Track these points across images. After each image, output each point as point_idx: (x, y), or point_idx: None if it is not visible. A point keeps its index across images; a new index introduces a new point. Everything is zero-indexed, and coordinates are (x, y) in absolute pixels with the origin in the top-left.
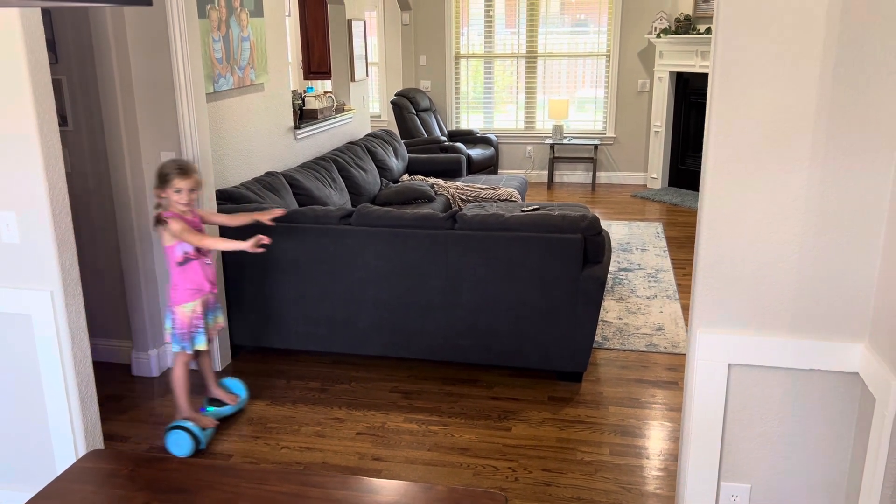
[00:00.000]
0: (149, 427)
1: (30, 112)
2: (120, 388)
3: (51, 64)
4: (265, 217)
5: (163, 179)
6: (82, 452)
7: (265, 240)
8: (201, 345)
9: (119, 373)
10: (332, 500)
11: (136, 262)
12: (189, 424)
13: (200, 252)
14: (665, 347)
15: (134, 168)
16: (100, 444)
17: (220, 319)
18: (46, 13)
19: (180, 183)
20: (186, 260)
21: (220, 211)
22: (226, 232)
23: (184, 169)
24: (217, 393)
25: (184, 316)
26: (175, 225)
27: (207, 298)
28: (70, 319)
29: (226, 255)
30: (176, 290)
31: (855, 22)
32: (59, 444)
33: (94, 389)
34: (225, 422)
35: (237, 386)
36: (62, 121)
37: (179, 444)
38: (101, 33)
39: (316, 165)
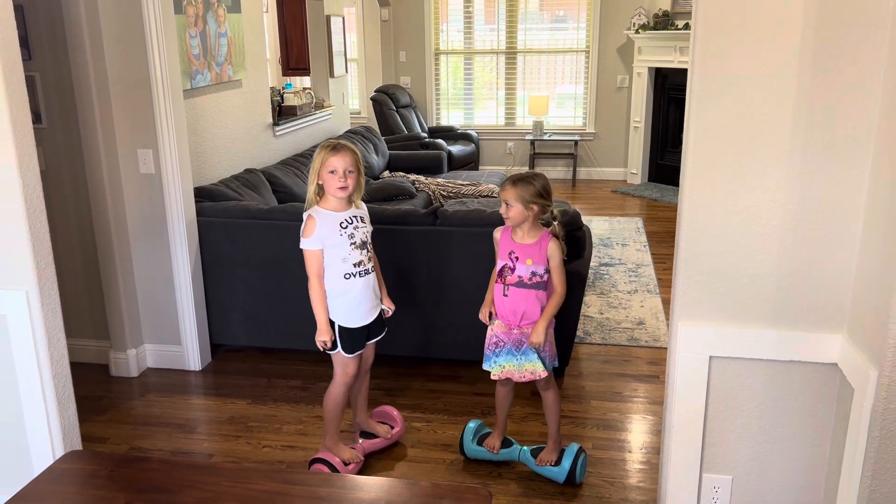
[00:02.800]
0: (128, 428)
1: (3, 110)
2: (98, 389)
3: (24, 60)
4: None
5: (549, 193)
6: (60, 454)
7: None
8: (489, 367)
9: (97, 373)
10: (315, 497)
11: (113, 261)
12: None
13: (500, 277)
14: (646, 341)
15: (110, 166)
16: (78, 446)
17: (531, 367)
18: (19, 9)
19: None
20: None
21: (198, 208)
22: None
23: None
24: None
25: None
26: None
27: (509, 332)
28: (46, 319)
29: (203, 250)
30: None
31: (832, 18)
32: (36, 446)
33: (72, 390)
34: (206, 423)
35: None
36: (36, 118)
37: (584, 467)
38: (75, 29)
39: (295, 162)
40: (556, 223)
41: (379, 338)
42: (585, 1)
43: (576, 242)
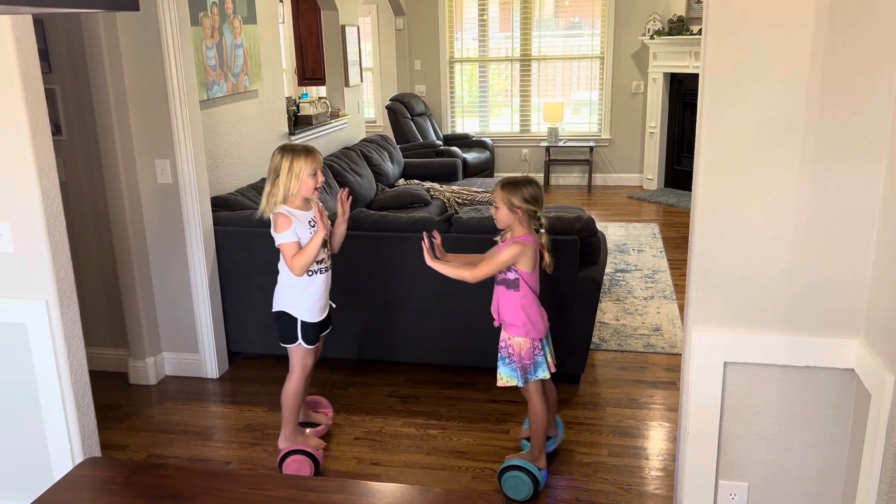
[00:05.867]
0: (147, 435)
1: (22, 122)
2: (117, 397)
3: (44, 73)
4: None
5: (537, 200)
6: (79, 461)
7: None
8: (545, 373)
9: (117, 381)
10: (329, 503)
11: (131, 270)
12: (531, 466)
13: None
14: (663, 348)
15: (128, 176)
16: (97, 453)
17: (498, 372)
18: (39, 23)
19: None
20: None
21: (215, 217)
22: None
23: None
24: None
25: (520, 344)
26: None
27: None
28: (66, 328)
29: (220, 259)
30: (526, 321)
31: (845, 20)
32: (56, 454)
33: (91, 398)
34: (224, 430)
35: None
36: (56, 130)
37: (518, 489)
38: (94, 42)
39: None
40: (542, 231)
41: (328, 331)
42: (600, 7)
43: (590, 248)
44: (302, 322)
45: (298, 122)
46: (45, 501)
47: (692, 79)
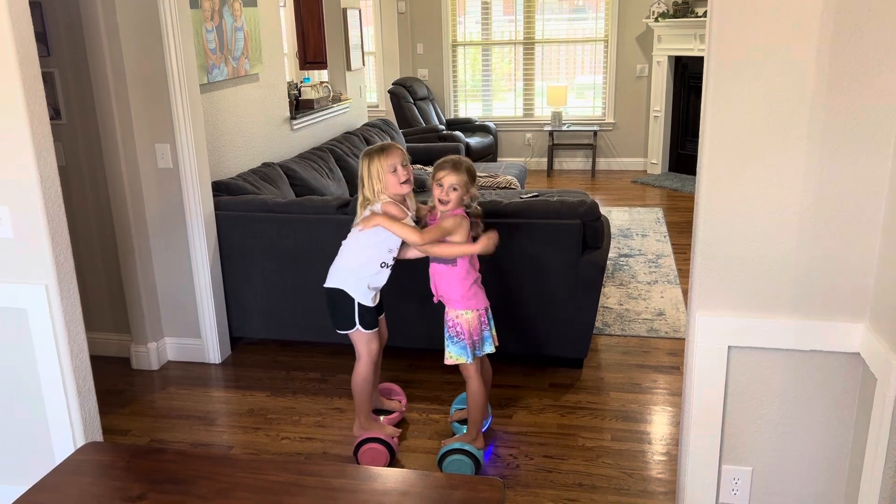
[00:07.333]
0: (149, 420)
1: (20, 105)
2: (119, 382)
3: (42, 56)
4: None
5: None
6: (81, 446)
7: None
8: (491, 348)
9: (119, 367)
10: (329, 488)
11: (132, 256)
12: (471, 448)
13: None
14: (666, 332)
15: (129, 160)
16: (99, 438)
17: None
18: (37, 6)
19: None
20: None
21: (216, 202)
22: None
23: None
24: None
25: (469, 320)
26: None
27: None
28: (66, 313)
29: (221, 244)
30: (466, 293)
31: (851, 3)
32: (58, 439)
33: (92, 383)
34: (226, 415)
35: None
36: (55, 114)
37: (461, 473)
38: (93, 25)
39: (313, 156)
40: (475, 204)
41: (383, 314)
42: None
43: (593, 232)
44: (359, 304)
45: (300, 106)
46: (46, 485)
47: (697, 62)
